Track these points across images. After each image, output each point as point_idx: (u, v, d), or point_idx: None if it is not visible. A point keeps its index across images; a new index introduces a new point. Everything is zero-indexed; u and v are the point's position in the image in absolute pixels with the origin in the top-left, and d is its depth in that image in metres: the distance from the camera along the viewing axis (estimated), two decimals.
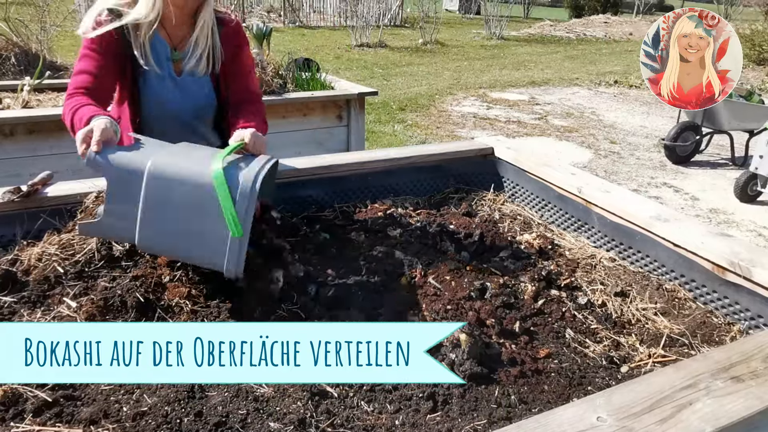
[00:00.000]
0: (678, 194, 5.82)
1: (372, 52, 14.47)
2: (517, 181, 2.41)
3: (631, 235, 1.87)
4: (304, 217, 2.07)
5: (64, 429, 1.10)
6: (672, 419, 0.96)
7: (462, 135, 7.61)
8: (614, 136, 7.94)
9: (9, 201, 1.71)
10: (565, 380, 1.32)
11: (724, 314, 1.58)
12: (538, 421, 0.95)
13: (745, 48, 13.82)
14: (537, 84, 11.57)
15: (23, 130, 3.10)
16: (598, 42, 19.39)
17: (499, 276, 1.73)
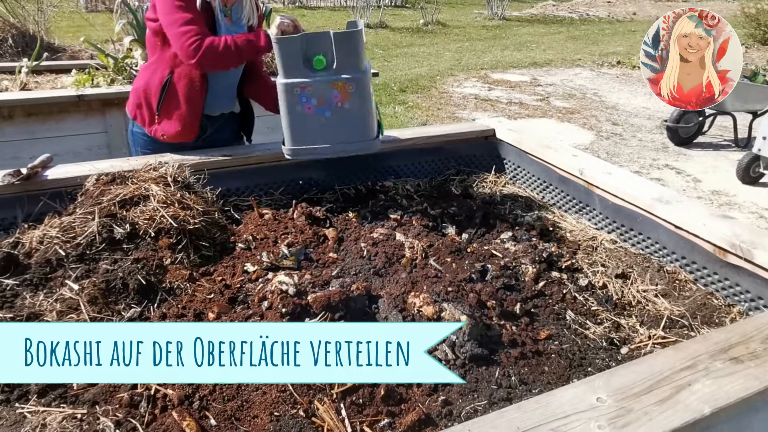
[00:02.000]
0: (680, 176, 5.80)
1: (372, 32, 14.32)
2: (518, 163, 2.40)
3: (632, 217, 1.86)
4: (304, 200, 2.06)
5: (69, 410, 1.11)
6: (671, 400, 0.97)
7: (463, 116, 7.57)
8: (616, 117, 7.89)
9: (9, 184, 1.71)
10: (566, 361, 1.33)
11: (724, 296, 1.59)
12: (538, 402, 0.96)
13: (750, 27, 13.70)
14: (539, 65, 11.47)
15: (22, 112, 3.09)
16: (601, 22, 19.17)
17: (500, 258, 1.73)
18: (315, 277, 1.53)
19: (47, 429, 1.07)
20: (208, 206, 1.79)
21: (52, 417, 1.09)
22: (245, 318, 1.33)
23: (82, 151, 3.22)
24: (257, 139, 2.51)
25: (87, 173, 1.78)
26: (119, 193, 1.67)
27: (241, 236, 1.77)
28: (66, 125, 3.20)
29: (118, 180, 1.75)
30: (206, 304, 1.40)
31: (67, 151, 3.17)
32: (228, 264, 1.62)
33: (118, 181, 1.75)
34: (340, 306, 1.35)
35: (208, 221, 1.73)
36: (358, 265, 1.63)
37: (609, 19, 19.90)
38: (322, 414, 1.09)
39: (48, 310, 1.31)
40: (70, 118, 3.20)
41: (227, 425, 1.08)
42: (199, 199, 1.79)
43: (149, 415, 1.10)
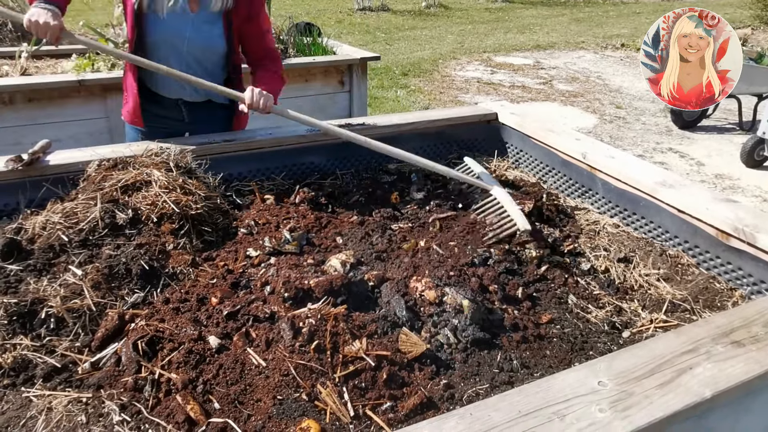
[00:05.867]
0: (683, 160, 5.77)
1: (374, 15, 14.19)
2: (521, 147, 2.39)
3: (635, 201, 1.86)
4: (306, 184, 2.06)
5: (74, 393, 1.12)
6: (672, 383, 0.97)
7: (466, 100, 7.52)
8: (620, 100, 7.83)
9: (13, 169, 1.71)
10: (567, 345, 1.33)
11: (726, 280, 1.59)
12: (539, 386, 0.97)
13: (757, 8, 13.52)
14: (542, 48, 11.37)
15: (22, 98, 3.07)
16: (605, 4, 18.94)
17: (503, 242, 1.73)
18: (318, 262, 1.53)
19: (53, 413, 1.08)
20: (210, 191, 1.79)
21: (58, 401, 1.10)
22: (248, 303, 1.33)
23: (84, 137, 3.21)
24: (254, 125, 2.42)
25: (89, 159, 1.78)
26: (121, 178, 1.66)
27: (243, 221, 1.77)
28: (67, 110, 3.19)
29: (120, 165, 1.75)
30: (209, 289, 1.41)
31: (68, 137, 3.17)
32: (230, 249, 1.63)
33: (120, 166, 1.74)
34: (342, 290, 1.36)
35: (210, 206, 1.73)
36: (360, 250, 1.63)
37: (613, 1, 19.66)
38: (325, 397, 1.10)
39: (52, 296, 1.32)
40: (71, 104, 3.18)
41: (231, 408, 1.09)
42: (201, 185, 1.79)
43: (153, 398, 1.11)
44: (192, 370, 1.16)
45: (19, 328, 1.26)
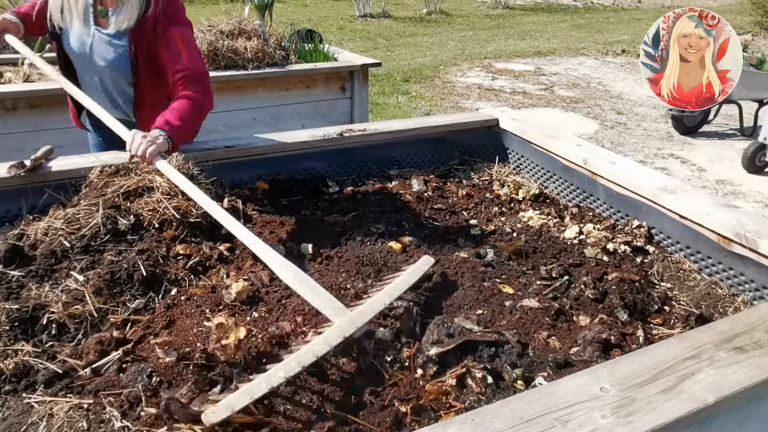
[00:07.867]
0: (685, 165, 5.77)
1: (375, 22, 14.24)
2: (522, 153, 2.39)
3: (637, 206, 1.86)
4: (306, 189, 2.06)
5: (75, 399, 1.12)
6: (675, 389, 0.97)
7: (467, 106, 7.53)
8: (621, 106, 7.84)
9: (15, 175, 1.72)
10: None
11: (728, 285, 1.58)
12: (541, 392, 0.96)
13: (757, 15, 13.55)
14: (543, 54, 11.39)
15: (25, 104, 3.09)
16: (606, 10, 19.00)
17: (506, 245, 1.72)
18: (317, 270, 1.53)
19: (54, 419, 1.08)
20: (211, 197, 1.79)
21: (59, 407, 1.10)
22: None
23: (86, 143, 3.21)
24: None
25: (91, 165, 1.78)
26: (123, 184, 1.67)
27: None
28: (69, 117, 3.20)
29: (122, 171, 1.75)
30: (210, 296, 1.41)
31: (71, 143, 3.17)
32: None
33: (122, 172, 1.75)
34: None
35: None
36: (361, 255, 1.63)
37: (614, 7, 19.72)
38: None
39: (53, 301, 1.32)
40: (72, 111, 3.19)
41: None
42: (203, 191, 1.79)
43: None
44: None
45: (21, 333, 1.26)
